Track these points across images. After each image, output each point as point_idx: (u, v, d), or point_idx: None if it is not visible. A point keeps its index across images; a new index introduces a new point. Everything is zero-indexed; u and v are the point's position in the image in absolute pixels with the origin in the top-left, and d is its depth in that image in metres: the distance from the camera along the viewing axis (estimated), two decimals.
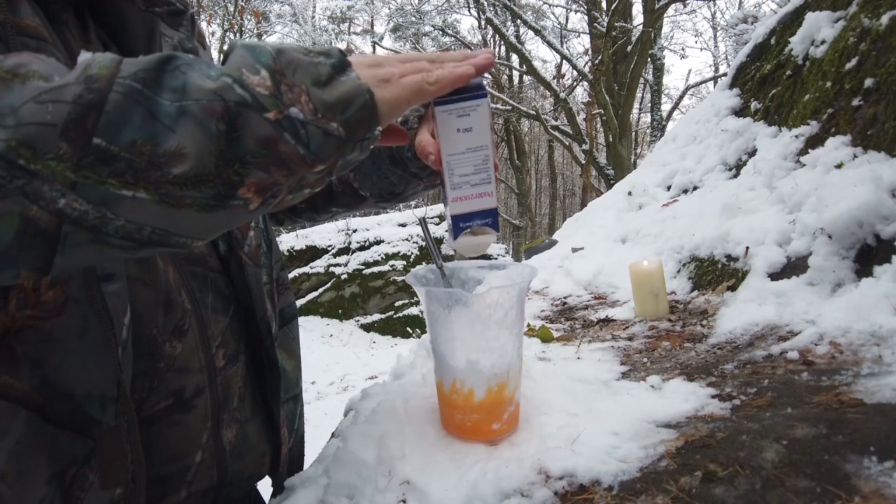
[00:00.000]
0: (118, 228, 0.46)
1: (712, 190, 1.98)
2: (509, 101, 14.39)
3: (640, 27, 11.70)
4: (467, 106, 0.63)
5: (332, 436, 0.93)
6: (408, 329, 8.91)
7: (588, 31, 14.03)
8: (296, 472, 0.79)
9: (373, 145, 0.55)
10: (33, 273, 0.46)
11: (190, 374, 0.67)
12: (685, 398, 0.78)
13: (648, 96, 17.88)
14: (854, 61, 1.42)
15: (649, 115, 16.34)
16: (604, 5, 12.74)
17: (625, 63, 12.26)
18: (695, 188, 2.20)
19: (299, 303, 8.89)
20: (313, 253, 9.76)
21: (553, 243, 2.95)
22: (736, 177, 1.90)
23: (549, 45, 13.02)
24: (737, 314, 1.12)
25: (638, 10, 13.29)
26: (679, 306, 1.38)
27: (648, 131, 19.39)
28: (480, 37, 18.91)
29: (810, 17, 1.78)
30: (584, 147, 12.18)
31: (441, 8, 18.20)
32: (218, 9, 15.65)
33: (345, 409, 0.99)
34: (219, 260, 0.75)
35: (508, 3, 12.84)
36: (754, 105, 2.07)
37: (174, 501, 0.66)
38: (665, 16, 13.89)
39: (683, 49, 19.59)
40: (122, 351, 0.58)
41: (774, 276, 1.18)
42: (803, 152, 1.46)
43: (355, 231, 9.91)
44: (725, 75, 2.55)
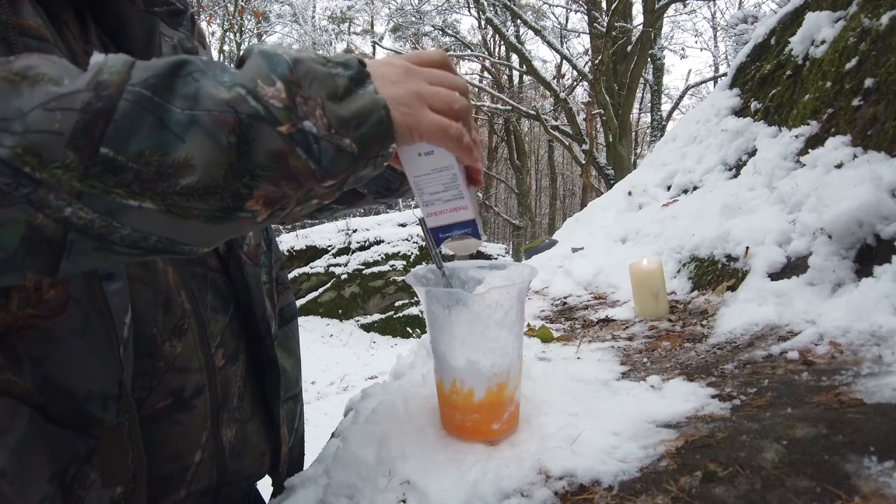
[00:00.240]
0: (124, 237, 0.46)
1: (712, 190, 1.98)
2: (509, 101, 14.39)
3: (640, 27, 11.70)
4: None
5: (332, 436, 0.93)
6: (408, 329, 8.91)
7: (588, 31, 14.03)
8: (296, 472, 0.79)
9: (387, 162, 0.54)
10: (39, 276, 0.46)
11: (189, 374, 0.67)
12: (685, 398, 0.78)
13: (648, 96, 17.89)
14: (854, 61, 1.42)
15: (649, 115, 16.35)
16: (604, 5, 12.74)
17: (625, 63, 12.26)
18: (695, 188, 2.20)
19: (299, 303, 8.90)
20: (313, 253, 9.76)
21: (553, 243, 2.95)
22: (736, 177, 1.90)
23: (549, 45, 13.02)
24: (737, 314, 1.12)
25: (638, 10, 13.31)
26: (679, 306, 1.38)
27: (648, 131, 19.40)
28: (480, 37, 18.92)
29: (810, 17, 1.78)
30: (584, 147, 12.18)
31: (441, 8, 18.21)
32: (218, 9, 15.66)
33: (345, 409, 0.99)
34: (218, 259, 0.75)
35: (508, 3, 12.84)
36: (754, 105, 2.07)
37: (174, 500, 0.66)
38: (665, 16, 13.89)
39: (683, 49, 19.61)
40: (124, 350, 0.58)
41: (774, 276, 1.18)
42: (803, 152, 1.46)
43: (355, 231, 9.91)
44: (725, 75, 2.55)
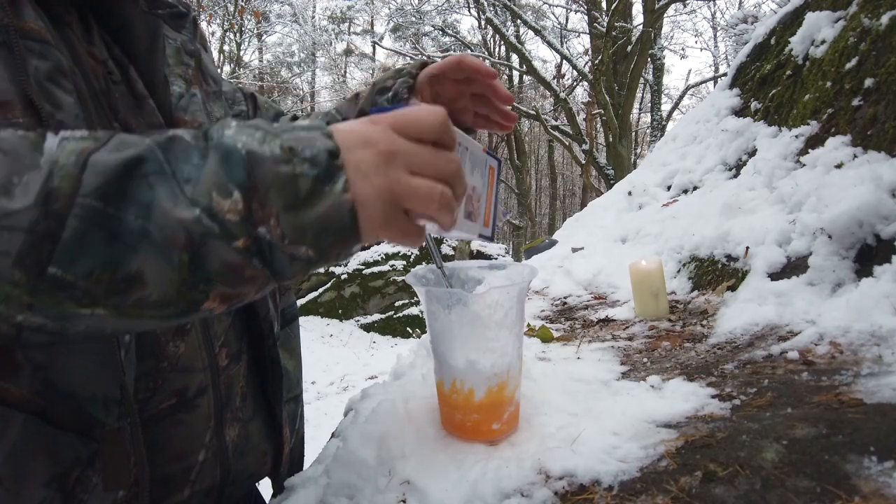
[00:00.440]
0: (79, 332, 0.46)
1: (712, 190, 1.98)
2: None
3: (640, 27, 11.70)
4: None
5: (332, 436, 0.93)
6: (408, 329, 8.91)
7: (588, 31, 14.04)
8: (296, 473, 0.79)
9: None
10: None
11: (193, 374, 0.67)
12: (685, 398, 0.78)
13: (648, 96, 17.89)
14: (854, 61, 1.42)
15: (649, 115, 16.35)
16: (604, 5, 12.74)
17: (625, 63, 12.26)
18: (695, 188, 2.20)
19: (299, 303, 8.89)
20: None
21: (553, 243, 2.95)
22: (736, 177, 1.90)
23: (549, 45, 13.02)
24: (737, 314, 1.12)
25: (638, 10, 13.30)
26: (679, 306, 1.38)
27: (648, 131, 19.40)
28: (480, 37, 18.92)
29: (810, 17, 1.78)
30: (584, 147, 12.18)
31: (441, 8, 18.21)
32: (218, 9, 15.66)
33: (345, 409, 0.99)
34: None
35: (508, 3, 12.84)
36: (754, 105, 2.07)
37: (178, 500, 0.67)
38: (665, 16, 13.89)
39: (683, 49, 19.60)
40: (125, 353, 0.58)
41: (774, 276, 1.18)
42: (803, 152, 1.46)
43: None
44: (725, 75, 2.55)
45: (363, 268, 9.42)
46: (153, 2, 0.74)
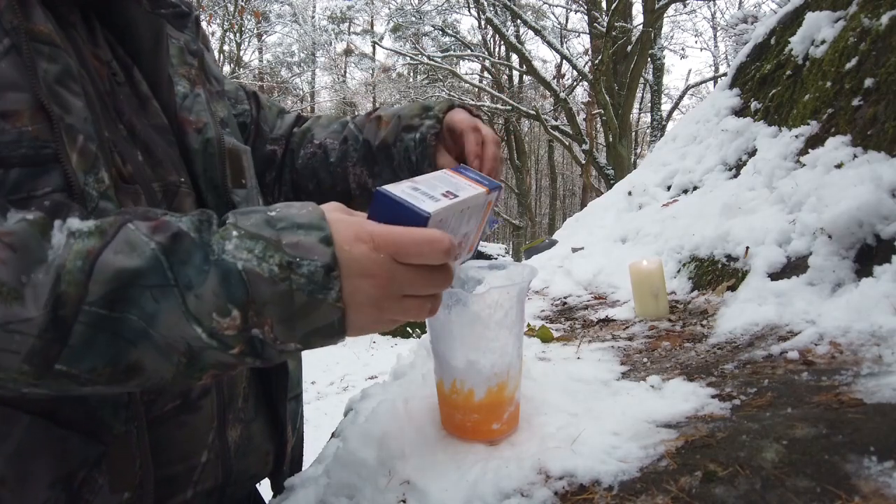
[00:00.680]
0: (80, 394, 0.51)
1: (712, 190, 1.98)
2: (509, 101, 14.40)
3: (640, 27, 11.70)
4: None
5: (332, 436, 0.93)
6: (408, 329, 8.90)
7: (588, 31, 14.04)
8: (296, 472, 0.79)
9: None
10: None
11: None
12: (685, 398, 0.78)
13: (648, 96, 17.89)
14: (854, 61, 1.42)
15: (649, 115, 16.35)
16: (604, 5, 12.74)
17: (625, 63, 12.26)
18: (695, 188, 2.20)
19: None
20: None
21: (553, 243, 2.95)
22: (736, 177, 1.90)
23: (549, 45, 13.02)
24: (737, 314, 1.12)
25: (638, 10, 13.31)
26: (679, 306, 1.38)
27: (648, 131, 19.41)
28: (480, 37, 18.93)
29: (810, 17, 1.78)
30: (584, 147, 12.18)
31: (441, 8, 18.22)
32: (218, 9, 15.66)
33: (345, 409, 0.99)
34: None
35: (508, 3, 12.84)
36: (754, 105, 2.07)
37: (180, 501, 0.67)
38: (665, 16, 13.90)
39: (683, 49, 19.62)
40: None
41: (774, 276, 1.18)
42: (803, 152, 1.46)
43: None
44: (725, 75, 2.55)
45: None
46: (156, 1, 0.74)
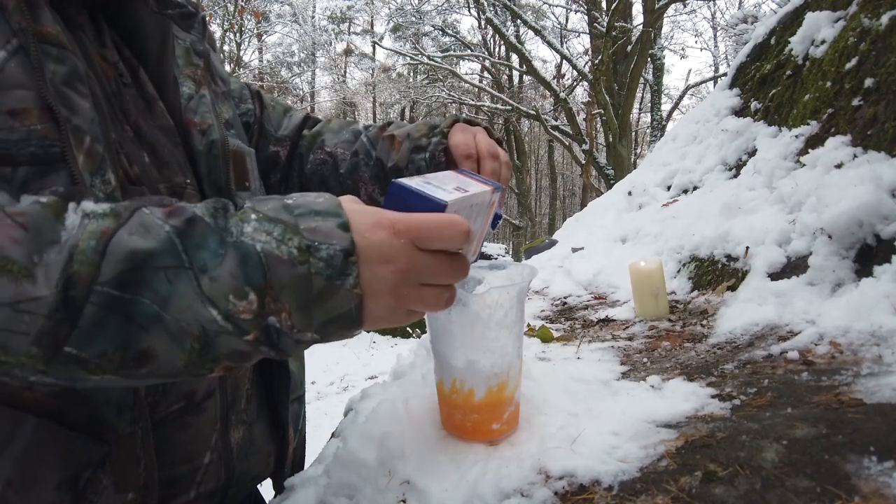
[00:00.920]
0: (88, 387, 0.50)
1: (712, 190, 1.98)
2: (509, 101, 14.40)
3: (640, 27, 11.70)
4: None
5: (332, 436, 0.93)
6: (408, 329, 8.90)
7: (588, 31, 14.04)
8: (297, 473, 0.79)
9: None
10: None
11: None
12: (685, 398, 0.78)
13: (648, 96, 17.89)
14: (854, 61, 1.42)
15: (649, 115, 16.35)
16: (604, 5, 12.74)
17: (625, 63, 12.26)
18: (695, 188, 2.20)
19: None
20: None
21: (553, 243, 2.95)
22: (736, 177, 1.90)
23: (549, 45, 13.03)
24: (737, 314, 1.12)
25: (638, 10, 13.30)
26: (679, 306, 1.38)
27: (648, 131, 19.41)
28: (480, 37, 18.93)
29: (810, 17, 1.78)
30: (584, 147, 12.18)
31: (441, 8, 18.22)
32: (218, 9, 15.67)
33: (345, 409, 0.99)
34: None
35: (508, 3, 12.84)
36: (754, 105, 2.07)
37: (184, 501, 0.67)
38: (665, 16, 13.90)
39: (683, 49, 19.63)
40: None
41: (774, 276, 1.18)
42: (803, 152, 1.46)
43: None
44: (725, 75, 2.55)
45: None
46: (163, 2, 0.74)
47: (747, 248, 1.31)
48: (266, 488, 0.85)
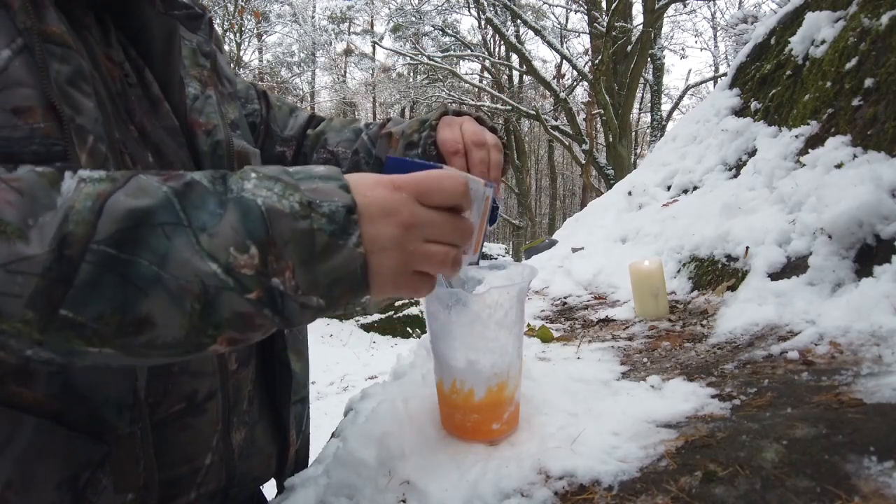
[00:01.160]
0: (86, 365, 0.47)
1: (712, 190, 1.98)
2: (509, 101, 14.40)
3: (640, 27, 11.70)
4: None
5: (332, 436, 0.93)
6: (408, 329, 8.90)
7: (588, 31, 14.03)
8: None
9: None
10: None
11: (203, 378, 0.67)
12: (685, 398, 0.78)
13: (648, 96, 17.89)
14: (854, 61, 1.42)
15: (649, 115, 16.35)
16: (604, 5, 12.74)
17: (625, 63, 12.26)
18: (695, 188, 2.20)
19: None
20: None
21: (553, 243, 2.95)
22: (736, 177, 1.90)
23: (549, 45, 13.02)
24: (737, 314, 1.12)
25: (638, 10, 13.30)
26: (679, 306, 1.38)
27: (648, 131, 19.41)
28: (480, 37, 18.93)
29: (810, 17, 1.78)
30: (584, 147, 12.18)
31: (441, 8, 18.22)
32: (218, 9, 15.66)
33: (345, 409, 0.99)
34: None
35: (508, 3, 12.84)
36: (754, 105, 2.07)
37: (184, 502, 0.67)
38: (665, 16, 13.89)
39: (683, 49, 19.64)
40: None
41: (774, 276, 1.18)
42: (803, 152, 1.46)
43: None
44: (725, 75, 2.55)
45: None
46: (169, 3, 0.74)
47: (747, 248, 1.31)
48: (270, 488, 0.85)
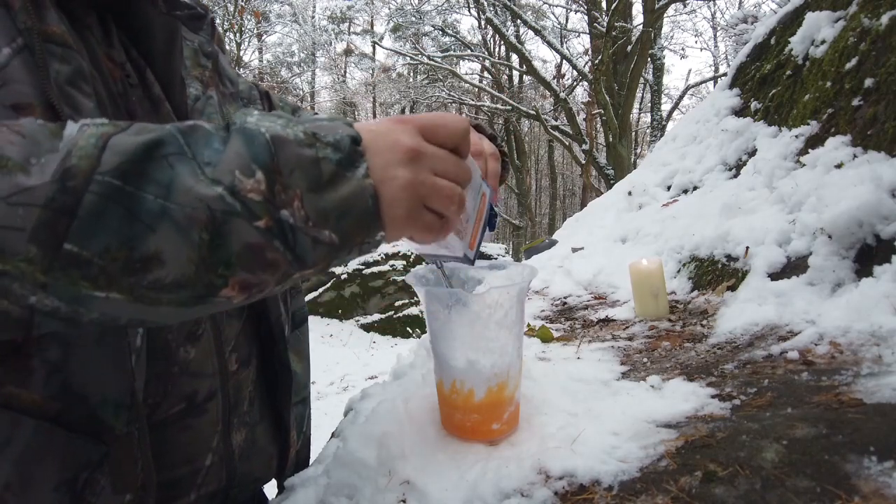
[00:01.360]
0: (92, 320, 0.45)
1: (712, 190, 1.98)
2: (509, 101, 14.40)
3: (640, 27, 11.69)
4: None
5: (332, 436, 0.93)
6: (408, 329, 8.91)
7: (588, 31, 14.03)
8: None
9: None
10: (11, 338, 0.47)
11: (203, 379, 0.67)
12: (685, 398, 0.78)
13: (648, 96, 17.89)
14: (854, 61, 1.42)
15: (649, 115, 16.35)
16: (604, 5, 12.74)
17: (625, 63, 12.26)
18: (695, 188, 2.20)
19: None
20: None
21: (553, 243, 2.95)
22: (736, 177, 1.90)
23: (549, 45, 13.03)
24: (737, 314, 1.12)
25: (638, 10, 13.30)
26: (679, 306, 1.38)
27: (648, 131, 19.41)
28: (480, 37, 18.93)
29: (810, 17, 1.78)
30: (584, 147, 12.18)
31: (441, 8, 18.22)
32: (218, 9, 15.66)
33: (345, 409, 0.99)
34: None
35: (508, 3, 12.85)
36: (754, 105, 2.07)
37: (184, 503, 0.67)
38: (665, 16, 13.89)
39: (683, 49, 19.64)
40: (136, 358, 0.58)
41: (774, 276, 1.18)
42: (803, 152, 1.46)
43: None
44: (725, 75, 2.55)
45: (363, 268, 9.42)
46: (172, 3, 0.74)
47: (747, 248, 1.31)
48: (270, 488, 0.85)
